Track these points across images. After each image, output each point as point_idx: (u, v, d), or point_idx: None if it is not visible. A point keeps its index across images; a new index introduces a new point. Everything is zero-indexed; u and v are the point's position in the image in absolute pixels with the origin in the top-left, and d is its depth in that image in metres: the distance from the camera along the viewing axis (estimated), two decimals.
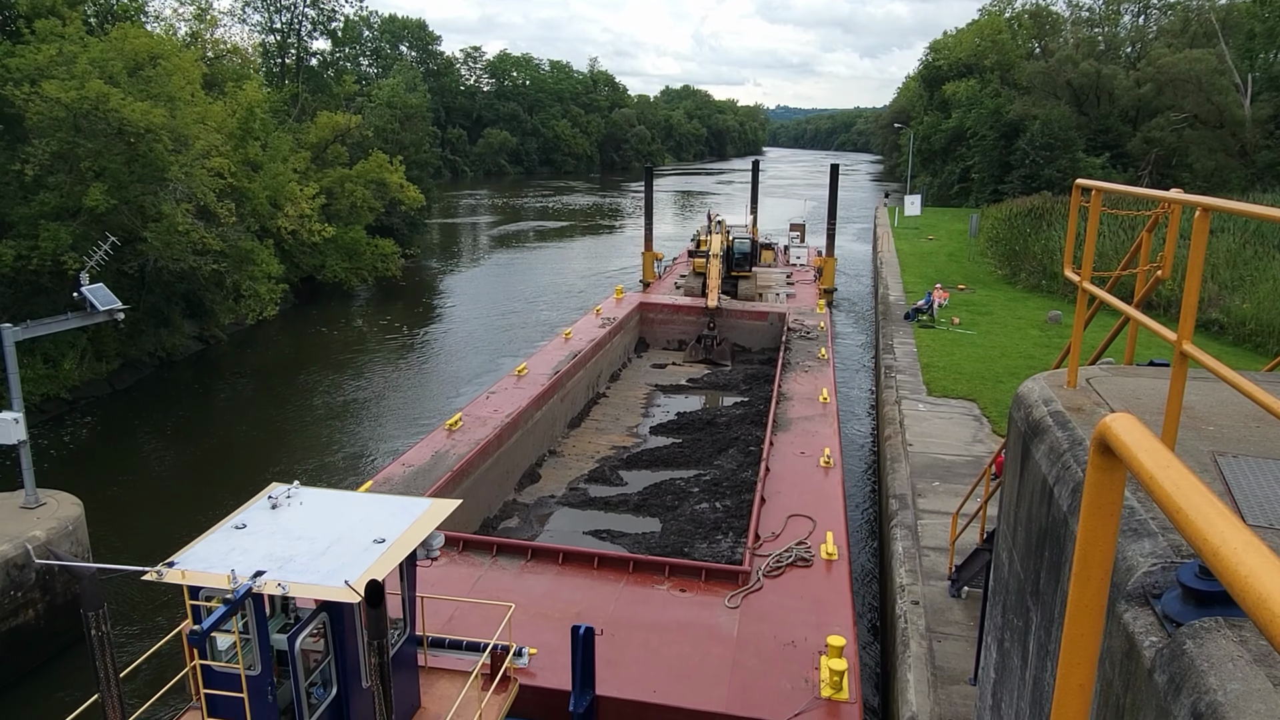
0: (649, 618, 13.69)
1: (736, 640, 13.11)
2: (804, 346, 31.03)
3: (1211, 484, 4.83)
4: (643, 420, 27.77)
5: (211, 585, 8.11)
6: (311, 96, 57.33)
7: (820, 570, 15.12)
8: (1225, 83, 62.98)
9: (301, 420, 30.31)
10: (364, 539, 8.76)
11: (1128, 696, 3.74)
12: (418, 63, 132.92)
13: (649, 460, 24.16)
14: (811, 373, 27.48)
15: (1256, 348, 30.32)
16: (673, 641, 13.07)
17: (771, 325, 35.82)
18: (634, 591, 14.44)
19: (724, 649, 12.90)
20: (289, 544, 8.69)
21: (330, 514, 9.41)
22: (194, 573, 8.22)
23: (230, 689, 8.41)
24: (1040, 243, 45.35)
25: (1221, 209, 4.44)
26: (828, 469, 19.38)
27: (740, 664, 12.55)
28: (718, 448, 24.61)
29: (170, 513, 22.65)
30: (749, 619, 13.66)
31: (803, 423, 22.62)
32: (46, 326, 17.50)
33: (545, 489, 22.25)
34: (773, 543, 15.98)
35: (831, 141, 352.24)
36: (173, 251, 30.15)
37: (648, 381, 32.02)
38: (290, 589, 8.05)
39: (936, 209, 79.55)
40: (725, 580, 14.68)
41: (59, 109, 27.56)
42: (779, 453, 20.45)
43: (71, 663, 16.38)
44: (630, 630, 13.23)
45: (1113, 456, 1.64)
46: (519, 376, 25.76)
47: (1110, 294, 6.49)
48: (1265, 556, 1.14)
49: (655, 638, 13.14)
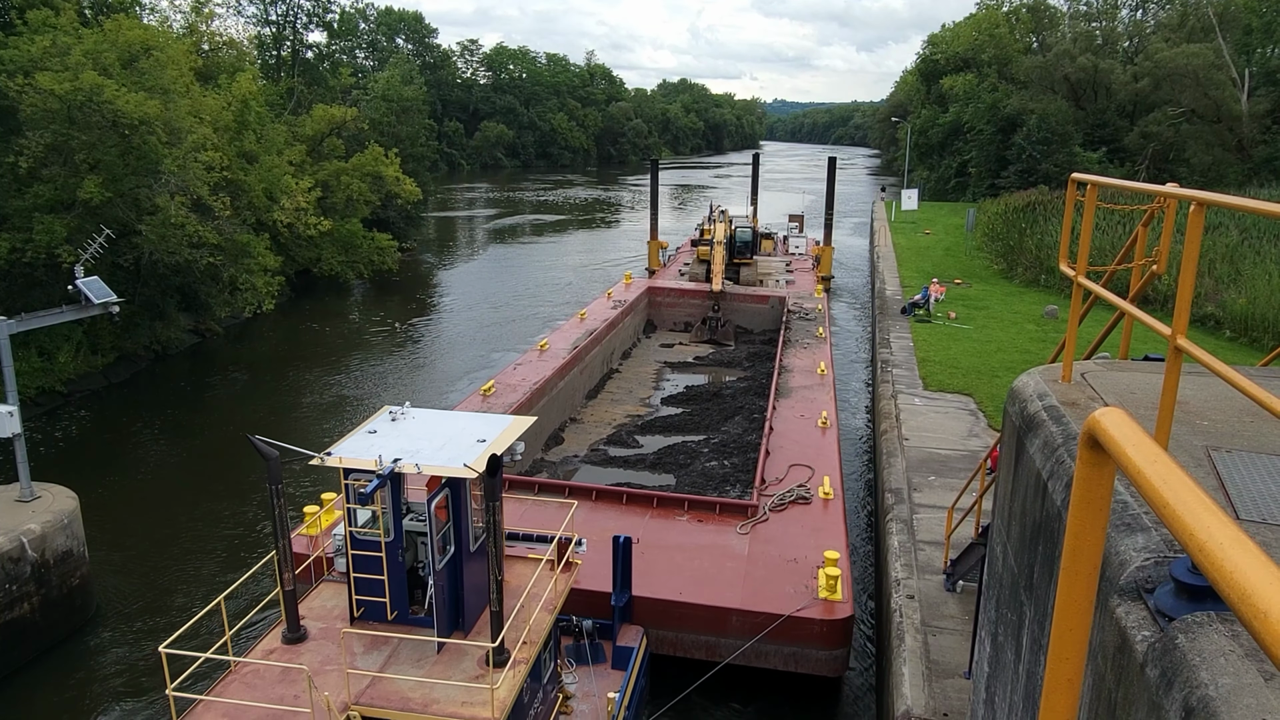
0: (672, 541, 16.26)
1: (747, 558, 15.71)
2: (803, 326, 33.56)
3: (1205, 479, 4.82)
4: (654, 392, 30.33)
5: (363, 467, 10.20)
6: (307, 89, 57.13)
7: (818, 506, 17.73)
8: (1222, 78, 62.95)
9: (298, 414, 30.28)
10: (469, 439, 10.96)
11: (1120, 691, 3.74)
12: (414, 55, 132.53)
13: (661, 426, 26.61)
14: (810, 349, 30.17)
15: (1253, 342, 30.36)
16: (693, 558, 15.64)
17: (772, 308, 38.11)
18: (658, 522, 16.96)
19: (737, 564, 15.48)
20: (412, 442, 10.82)
21: (437, 424, 11.62)
22: (350, 458, 10.36)
23: (372, 552, 10.54)
24: (1037, 237, 45.35)
25: (1216, 203, 4.43)
26: (825, 428, 22.00)
27: (751, 574, 15.16)
28: (724, 415, 26.92)
29: (165, 506, 22.63)
30: (757, 542, 16.23)
31: (802, 391, 25.27)
32: (41, 320, 17.44)
33: (569, 450, 24.54)
34: (776, 485, 18.51)
35: (829, 135, 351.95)
36: (168, 245, 30.05)
37: (657, 359, 34.55)
38: (423, 468, 10.14)
39: (934, 203, 79.52)
40: (736, 513, 17.26)
41: (53, 101, 27.42)
42: (781, 415, 23.05)
43: (66, 658, 16.37)
44: (657, 550, 15.81)
45: (1102, 451, 1.63)
46: (541, 351, 28.23)
47: (1106, 289, 6.48)
48: (1251, 552, 1.13)
49: (678, 555, 15.74)
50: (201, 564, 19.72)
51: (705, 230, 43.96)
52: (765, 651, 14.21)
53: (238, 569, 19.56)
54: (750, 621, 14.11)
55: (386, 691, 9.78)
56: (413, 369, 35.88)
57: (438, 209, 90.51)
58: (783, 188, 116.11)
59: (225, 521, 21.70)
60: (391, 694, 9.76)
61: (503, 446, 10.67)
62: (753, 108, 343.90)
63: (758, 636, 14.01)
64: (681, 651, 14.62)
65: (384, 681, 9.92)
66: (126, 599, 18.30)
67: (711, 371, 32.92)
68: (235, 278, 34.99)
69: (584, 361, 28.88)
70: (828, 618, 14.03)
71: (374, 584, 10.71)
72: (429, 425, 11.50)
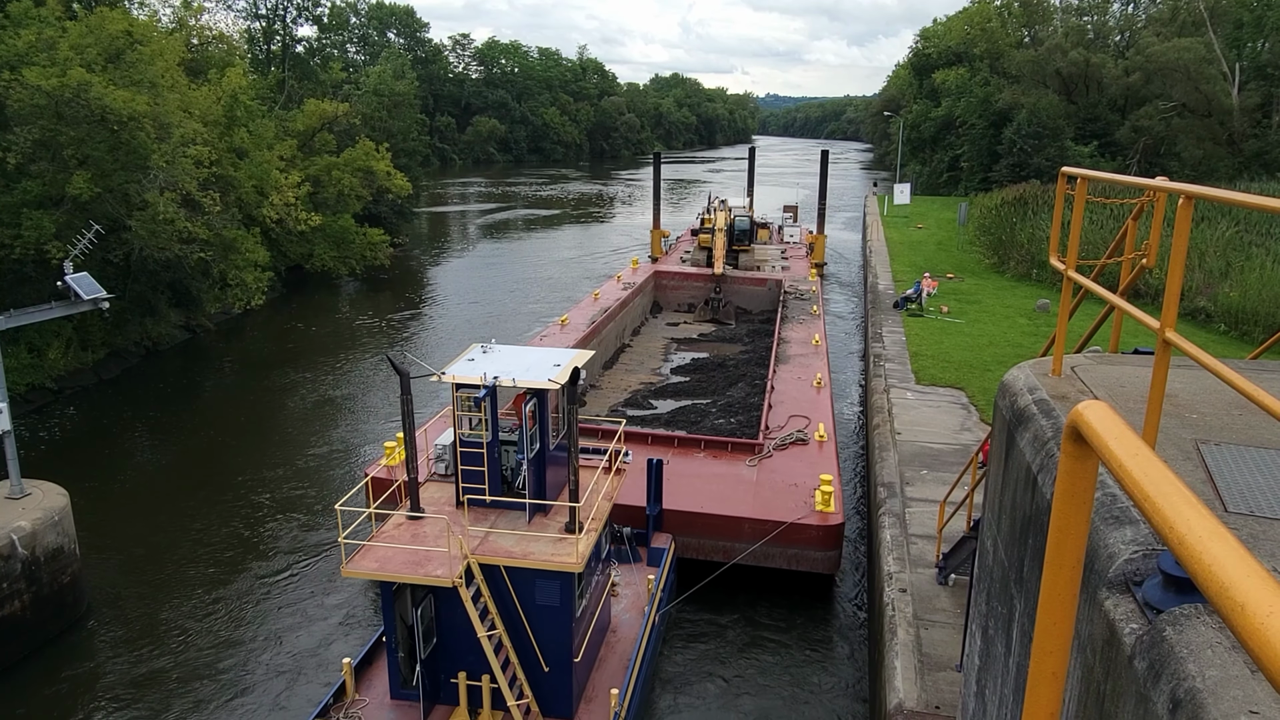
0: (692, 471, 19.50)
1: (755, 483, 18.95)
2: (799, 305, 36.65)
3: (1194, 472, 4.83)
4: (664, 364, 33.50)
5: (472, 382, 13.10)
6: (298, 84, 56.86)
7: (814, 446, 20.92)
8: (1213, 72, 63.09)
9: (289, 409, 30.18)
10: (547, 364, 13.93)
11: (1108, 683, 3.75)
12: (405, 50, 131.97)
13: (673, 392, 29.63)
14: (805, 324, 33.56)
15: (1242, 336, 30.47)
16: (711, 483, 18.96)
17: (770, 290, 41.26)
18: (679, 458, 20.00)
19: (747, 487, 18.75)
20: (503, 366, 13.63)
21: (518, 355, 14.49)
22: (461, 376, 13.30)
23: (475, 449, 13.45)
24: (1028, 231, 45.40)
25: (1204, 196, 4.43)
26: (819, 388, 25.49)
27: (759, 494, 18.39)
28: (729, 381, 30.16)
29: (157, 502, 22.55)
30: (764, 472, 19.48)
31: (799, 358, 28.76)
32: (30, 316, 17.33)
33: (591, 411, 26.49)
34: (779, 431, 21.76)
35: (821, 130, 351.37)
36: (158, 240, 29.89)
37: (664, 335, 37.73)
38: (519, 383, 13.07)
39: (926, 197, 79.57)
40: (745, 450, 20.56)
41: (40, 96, 27.23)
42: (781, 377, 26.51)
43: (58, 656, 16.31)
44: (680, 478, 18.99)
45: (1085, 444, 1.62)
46: (562, 325, 31.51)
47: (1097, 282, 6.49)
48: (1229, 545, 1.13)
49: (698, 481, 19.03)
50: (192, 560, 19.66)
51: (706, 219, 46.64)
52: (771, 553, 17.29)
53: (229, 564, 19.52)
54: (759, 528, 17.24)
55: (494, 546, 12.77)
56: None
57: (429, 204, 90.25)
58: (776, 182, 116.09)
59: (215, 517, 21.64)
60: (498, 548, 12.75)
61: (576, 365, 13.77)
62: (745, 102, 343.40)
63: (765, 539, 17.12)
64: (703, 555, 17.79)
65: (492, 539, 12.90)
66: (118, 596, 18.23)
67: (715, 346, 35.65)
68: (226, 273, 34.84)
69: (601, 335, 31.70)
70: (823, 524, 17.18)
71: (476, 474, 13.59)
72: (513, 355, 14.35)
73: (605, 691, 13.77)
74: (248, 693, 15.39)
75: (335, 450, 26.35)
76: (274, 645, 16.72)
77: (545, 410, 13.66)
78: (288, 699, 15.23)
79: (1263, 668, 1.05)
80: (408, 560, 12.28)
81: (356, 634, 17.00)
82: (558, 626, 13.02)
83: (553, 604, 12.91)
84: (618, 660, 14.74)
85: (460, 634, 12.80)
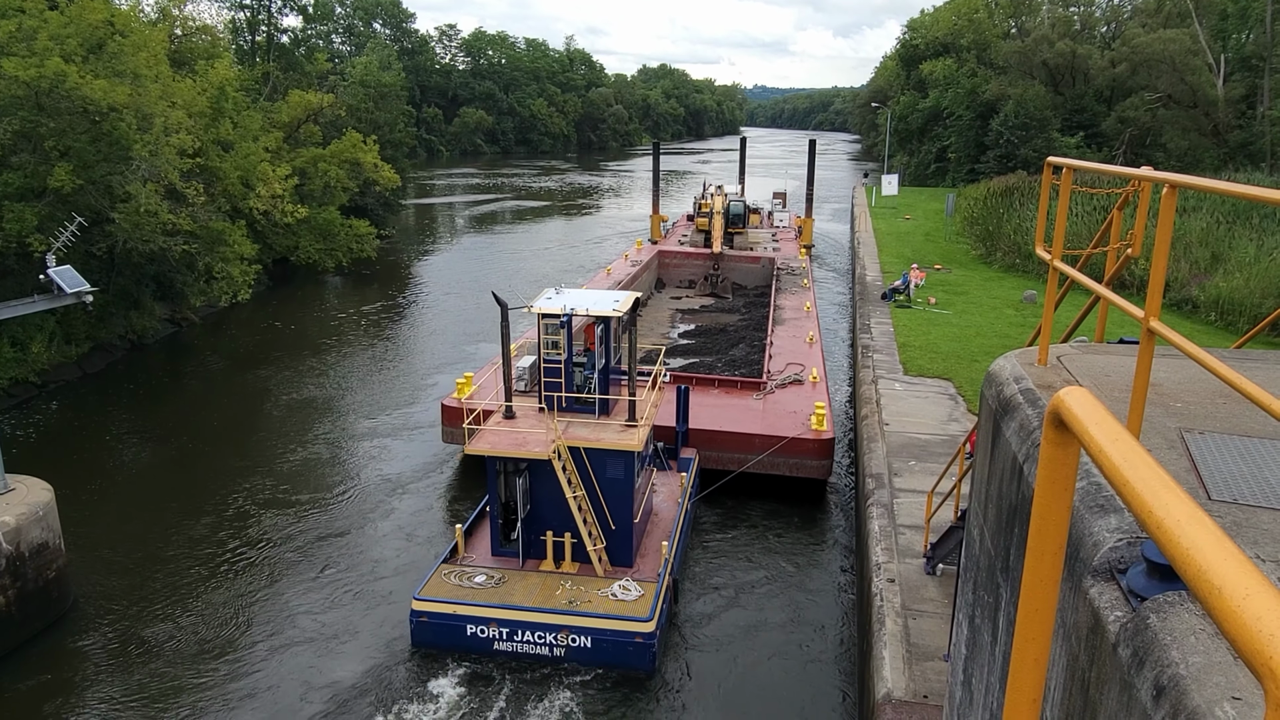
0: (709, 402, 23.99)
1: (761, 411, 23.64)
2: (791, 280, 41.30)
3: (1179, 460, 4.86)
4: (671, 330, 38.19)
5: (554, 312, 17.06)
6: (283, 75, 56.41)
7: (809, 386, 25.49)
8: (1199, 63, 63.31)
9: (274, 404, 30.03)
10: (609, 299, 17.92)
11: (1093, 670, 3.76)
12: (392, 40, 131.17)
13: (681, 351, 34.29)
14: (797, 294, 38.09)
15: (1228, 325, 30.66)
16: (726, 410, 23.61)
17: (764, 268, 45.97)
18: (697, 393, 24.03)
19: (754, 413, 23.49)
20: (574, 302, 17.47)
21: (584, 295, 18.45)
22: (544, 307, 17.23)
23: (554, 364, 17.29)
24: (1015, 222, 45.54)
25: (1188, 185, 4.44)
26: (811, 343, 29.98)
27: (765, 417, 23.10)
28: (731, 344, 34.74)
29: (142, 497, 22.42)
30: (768, 404, 24.14)
31: (793, 321, 33.42)
32: (12, 309, 17.17)
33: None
34: (778, 374, 26.26)
35: (809, 121, 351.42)
36: (142, 233, 29.64)
37: (669, 307, 42.29)
38: (592, 312, 17.15)
39: (914, 188, 79.69)
40: (752, 388, 25.39)
41: (19, 87, 26.91)
42: (778, 335, 31.28)
43: (43, 651, 16.22)
44: (700, 406, 23.20)
45: (1067, 431, 1.62)
46: None
47: (1082, 272, 6.50)
48: (1208, 530, 1.12)
49: (715, 409, 23.61)
50: (178, 554, 19.56)
51: (703, 204, 50.79)
52: (775, 463, 21.74)
53: (214, 559, 19.43)
54: (766, 442, 21.71)
55: (575, 434, 16.76)
56: (392, 356, 35.65)
57: (416, 196, 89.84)
58: (765, 172, 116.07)
59: (201, 511, 21.53)
60: (577, 435, 16.75)
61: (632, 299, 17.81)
62: (733, 93, 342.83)
63: (770, 450, 21.55)
64: (720, 466, 21.93)
65: (572, 428, 16.96)
66: (104, 591, 18.13)
67: (715, 316, 40.27)
68: (211, 266, 34.58)
69: None
70: (817, 438, 21.80)
71: (555, 385, 17.40)
72: (580, 295, 18.32)
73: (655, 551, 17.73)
74: (241, 687, 15.33)
75: (319, 446, 26.23)
76: (263, 638, 16.67)
77: (610, 335, 17.57)
78: (276, 696, 15.18)
79: (1239, 650, 1.04)
80: (513, 441, 16.30)
81: (356, 636, 16.95)
82: (622, 495, 16.85)
83: (619, 477, 16.73)
84: (661, 532, 18.67)
85: (547, 503, 16.60)
